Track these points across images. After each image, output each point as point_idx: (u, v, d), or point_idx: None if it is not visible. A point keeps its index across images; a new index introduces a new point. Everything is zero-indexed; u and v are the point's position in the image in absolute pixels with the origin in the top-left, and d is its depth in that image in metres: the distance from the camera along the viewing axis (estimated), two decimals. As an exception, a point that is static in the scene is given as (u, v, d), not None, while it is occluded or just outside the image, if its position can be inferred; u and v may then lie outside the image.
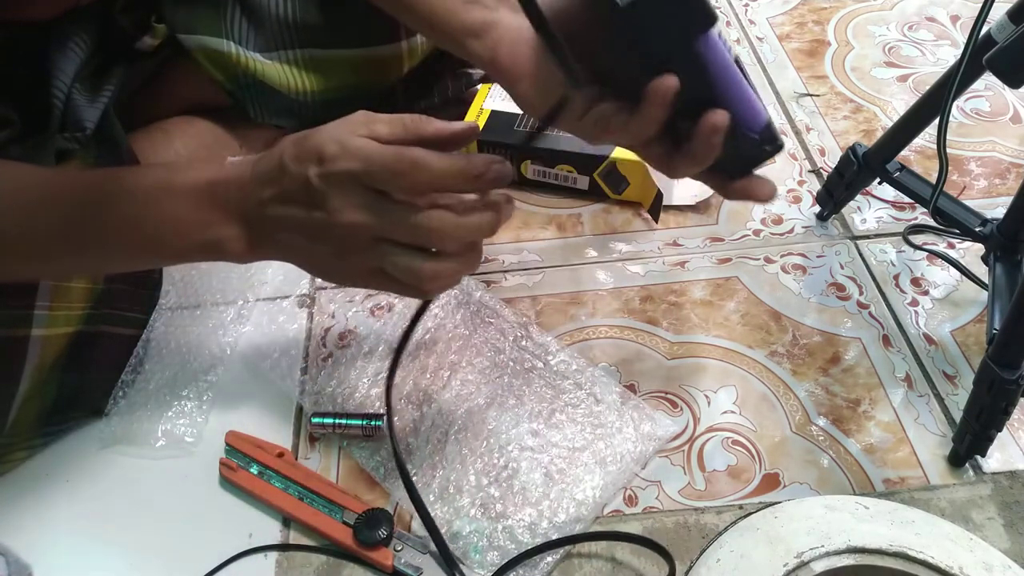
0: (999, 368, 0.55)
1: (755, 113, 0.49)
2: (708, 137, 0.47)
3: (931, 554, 0.51)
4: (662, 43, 0.45)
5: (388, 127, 0.49)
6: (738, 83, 0.47)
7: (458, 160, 0.47)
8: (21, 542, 0.56)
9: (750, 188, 0.53)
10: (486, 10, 0.56)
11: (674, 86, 0.45)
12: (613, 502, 0.58)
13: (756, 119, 0.49)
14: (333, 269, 0.52)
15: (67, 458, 0.62)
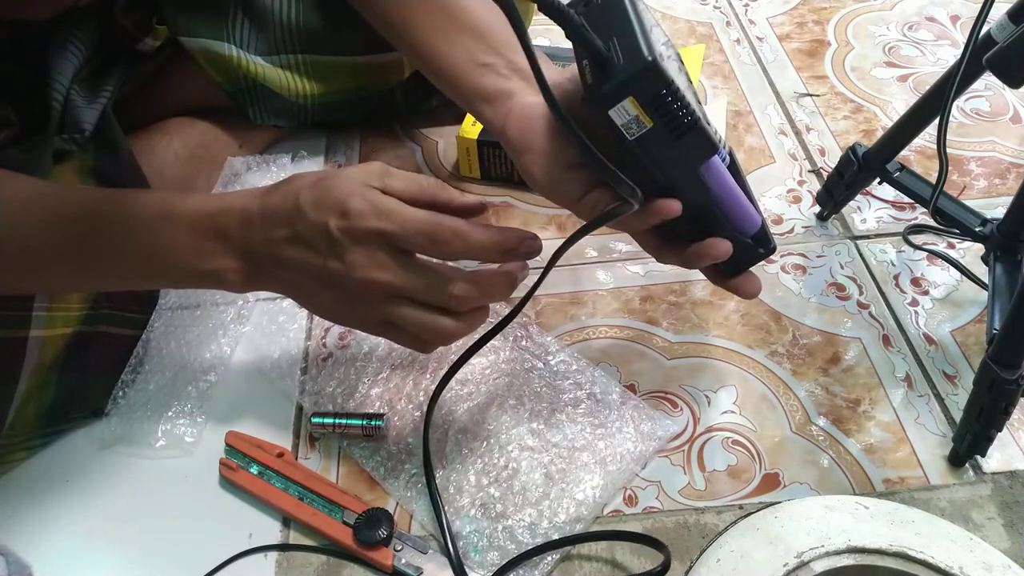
0: (999, 368, 0.55)
1: (750, 219, 0.52)
2: (702, 259, 0.51)
3: (931, 554, 0.51)
4: (666, 170, 0.48)
5: (403, 184, 0.50)
6: (735, 197, 0.50)
7: (495, 234, 0.49)
8: (21, 542, 0.56)
9: (739, 285, 0.56)
10: (499, 78, 0.57)
11: (676, 210, 0.48)
12: (613, 502, 0.58)
13: (750, 225, 0.52)
14: (338, 313, 0.53)
15: (67, 458, 0.62)
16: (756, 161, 0.85)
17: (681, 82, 0.45)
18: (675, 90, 0.44)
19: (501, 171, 0.82)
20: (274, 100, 0.78)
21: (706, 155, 0.47)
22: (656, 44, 0.44)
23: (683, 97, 0.44)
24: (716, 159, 0.48)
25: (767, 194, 0.82)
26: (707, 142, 0.47)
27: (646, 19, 0.47)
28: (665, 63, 0.43)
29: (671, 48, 0.49)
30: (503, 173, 0.82)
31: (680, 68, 0.48)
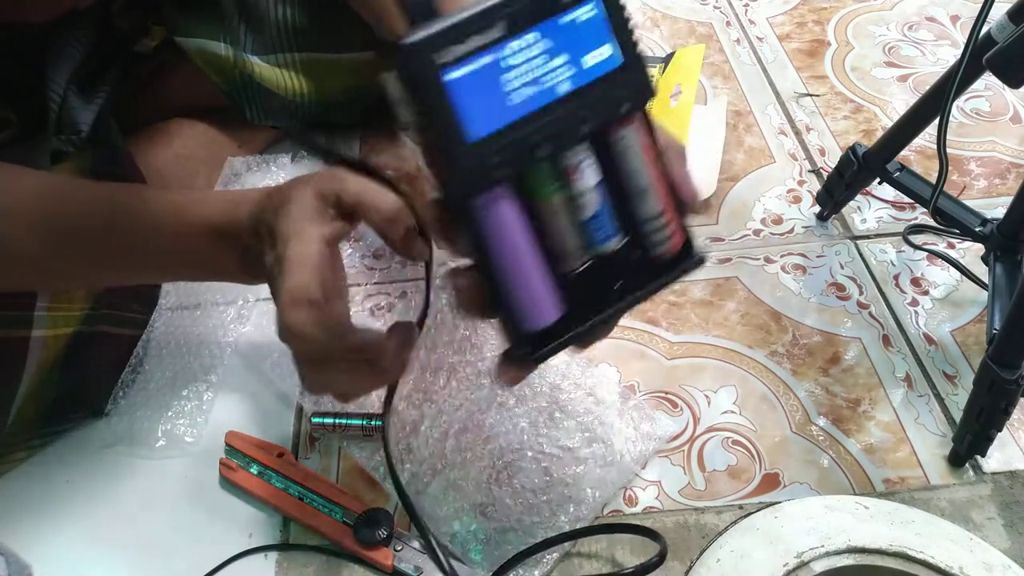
0: (999, 368, 0.55)
1: (530, 307, 0.41)
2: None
3: (931, 554, 0.51)
4: (441, 187, 0.39)
5: (335, 233, 0.45)
6: (515, 267, 0.40)
7: (368, 348, 0.45)
8: (21, 542, 0.56)
9: (499, 370, 0.45)
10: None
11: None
12: (613, 502, 0.58)
13: (528, 315, 0.41)
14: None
15: (67, 458, 0.62)
16: (756, 161, 0.85)
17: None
18: (423, 81, 0.35)
19: (501, 171, 0.82)
20: (271, 99, 0.78)
21: (471, 186, 0.37)
22: (443, 26, 0.36)
23: (432, 98, 0.36)
24: (505, 202, 0.38)
25: (767, 194, 0.82)
26: (470, 171, 0.37)
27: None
28: (442, 52, 0.35)
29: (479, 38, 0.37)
30: (503, 173, 0.82)
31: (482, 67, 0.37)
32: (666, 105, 0.83)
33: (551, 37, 0.37)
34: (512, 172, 0.38)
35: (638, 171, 0.41)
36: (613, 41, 0.38)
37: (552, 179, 0.40)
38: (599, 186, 0.41)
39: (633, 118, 0.40)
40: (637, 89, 0.40)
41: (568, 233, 0.41)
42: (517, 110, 0.37)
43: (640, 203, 0.42)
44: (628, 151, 0.41)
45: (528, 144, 0.38)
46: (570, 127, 0.38)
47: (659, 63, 0.90)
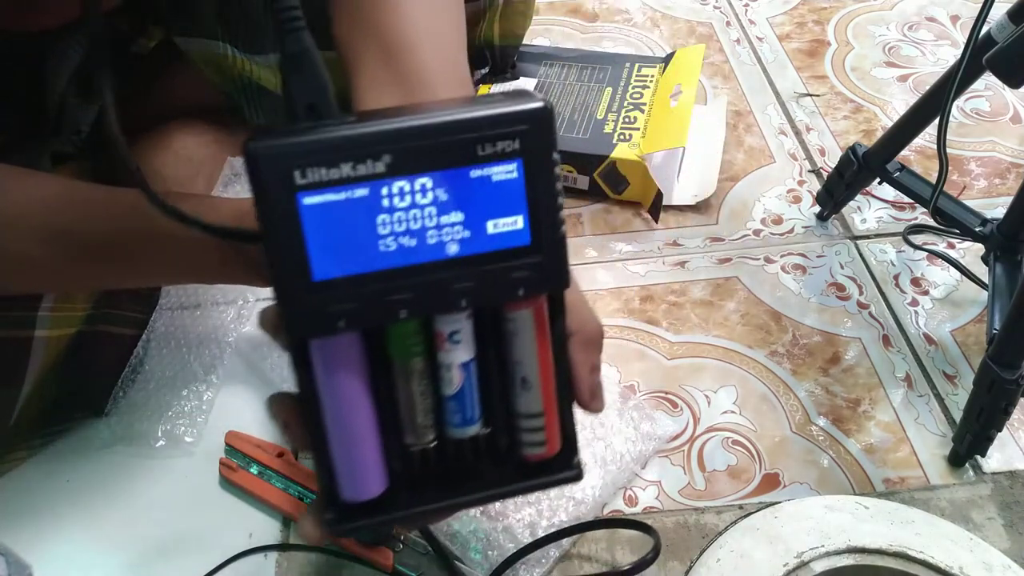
0: (999, 368, 0.55)
1: (354, 476, 0.34)
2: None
3: (931, 554, 0.51)
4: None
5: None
6: (344, 426, 0.34)
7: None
8: (21, 542, 0.56)
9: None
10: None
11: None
12: (613, 502, 0.58)
13: (351, 486, 0.35)
14: None
15: (67, 458, 0.62)
16: (756, 161, 0.85)
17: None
18: (272, 196, 0.30)
19: (501, 171, 0.82)
20: (270, 99, 0.78)
21: (305, 328, 0.32)
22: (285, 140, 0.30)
23: (279, 218, 0.30)
24: (347, 353, 0.33)
25: (767, 194, 0.82)
26: (306, 313, 0.31)
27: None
28: (305, 171, 0.30)
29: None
30: (503, 173, 0.82)
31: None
32: (666, 105, 0.83)
33: (451, 189, 0.31)
34: (363, 326, 0.32)
35: (522, 362, 0.35)
36: (526, 215, 0.32)
37: (415, 342, 0.34)
38: (469, 365, 0.35)
39: (531, 303, 0.34)
40: (544, 274, 0.33)
41: (420, 406, 0.35)
42: (385, 259, 0.31)
43: (517, 396, 0.36)
44: (516, 337, 0.35)
45: (388, 302, 0.32)
46: (446, 296, 0.32)
47: (659, 63, 0.90)
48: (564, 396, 0.36)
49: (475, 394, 0.35)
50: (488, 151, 0.31)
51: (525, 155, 0.32)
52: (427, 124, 0.31)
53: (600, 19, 1.04)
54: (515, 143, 0.32)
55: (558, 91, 0.86)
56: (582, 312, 0.39)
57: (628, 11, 1.05)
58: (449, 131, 0.31)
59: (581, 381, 0.38)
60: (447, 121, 0.31)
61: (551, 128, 0.32)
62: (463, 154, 0.31)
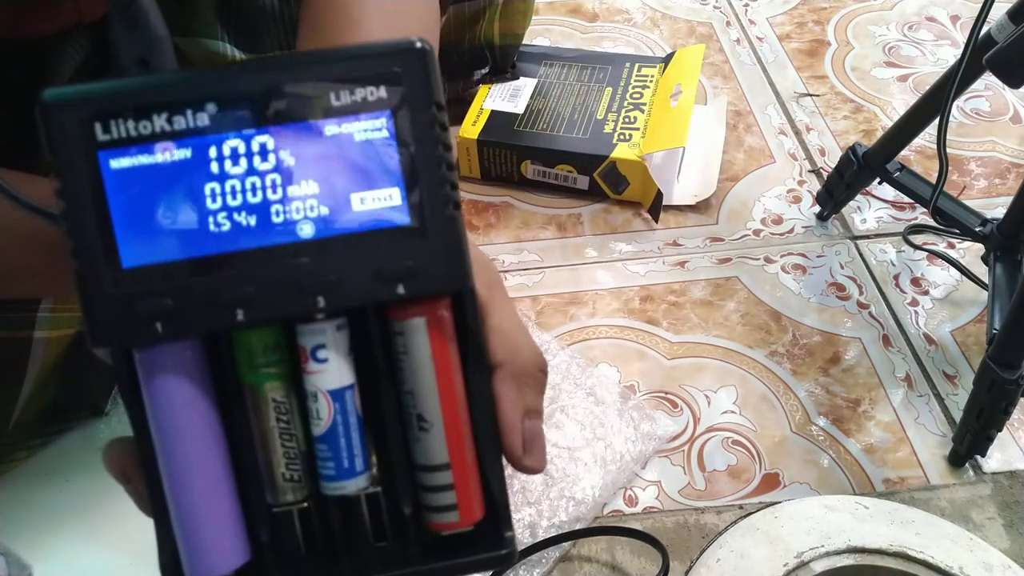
0: (999, 368, 0.55)
1: (190, 545, 0.26)
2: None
3: (931, 554, 0.51)
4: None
5: None
6: (193, 486, 0.26)
7: None
8: (21, 542, 0.56)
9: None
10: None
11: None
12: (613, 502, 0.58)
13: (185, 556, 0.26)
14: None
15: (67, 458, 0.62)
16: (756, 161, 0.85)
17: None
18: (67, 157, 0.24)
19: (501, 171, 0.82)
20: None
21: (116, 331, 0.24)
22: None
23: (77, 184, 0.24)
24: (179, 368, 0.25)
25: (767, 194, 0.82)
26: (117, 310, 0.24)
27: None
28: (108, 123, 0.24)
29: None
30: (503, 173, 0.82)
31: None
32: (666, 105, 0.83)
33: (300, 150, 0.24)
34: (189, 330, 0.24)
35: (416, 392, 0.26)
36: (402, 185, 0.25)
37: (269, 359, 0.26)
38: (343, 394, 0.26)
39: (425, 307, 0.26)
40: (431, 266, 0.25)
41: (278, 449, 0.26)
42: (216, 242, 0.24)
43: (414, 441, 0.27)
44: (407, 357, 0.26)
45: (220, 299, 0.24)
46: (297, 292, 0.24)
47: (659, 63, 0.90)
48: (486, 445, 0.28)
49: (354, 435, 0.26)
50: (346, 100, 0.24)
51: (395, 106, 0.24)
52: (266, 65, 0.24)
53: (600, 19, 1.04)
54: (381, 90, 0.24)
55: (558, 91, 0.86)
56: (513, 337, 0.30)
57: (628, 11, 1.05)
58: (294, 76, 0.24)
59: (509, 425, 0.28)
60: (289, 62, 0.24)
61: (429, 72, 0.25)
62: (313, 105, 0.24)
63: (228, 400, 0.26)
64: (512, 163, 0.81)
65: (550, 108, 0.84)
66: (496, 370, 0.29)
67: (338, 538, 0.27)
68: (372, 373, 0.27)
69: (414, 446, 0.27)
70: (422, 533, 0.27)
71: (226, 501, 0.26)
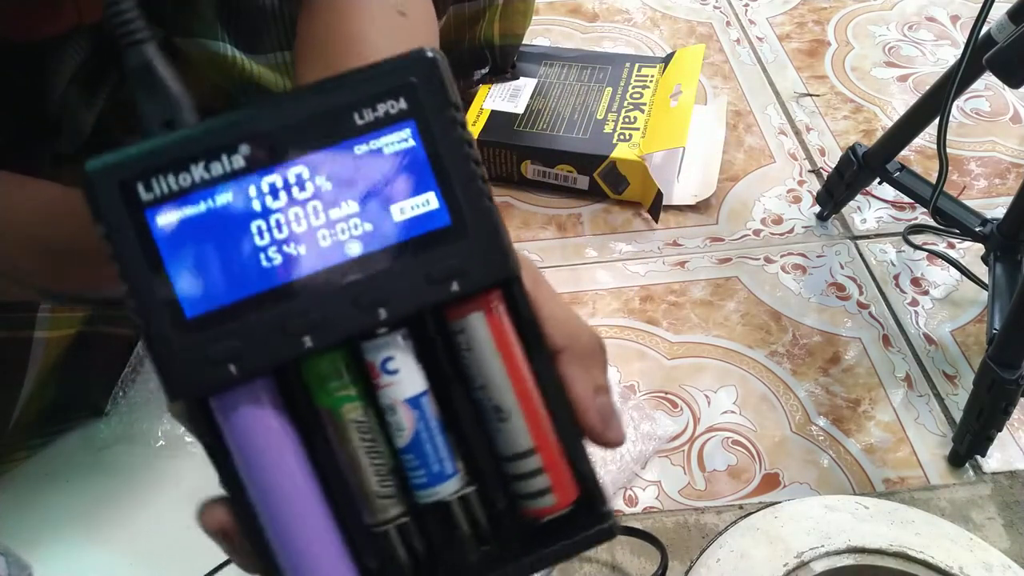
0: (999, 368, 0.55)
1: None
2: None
3: (931, 554, 0.51)
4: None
5: None
6: (290, 518, 0.26)
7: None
8: (21, 542, 0.56)
9: None
10: None
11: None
12: (613, 502, 0.58)
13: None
14: None
15: (67, 458, 0.62)
16: (756, 161, 0.85)
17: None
18: (117, 227, 0.25)
19: (501, 171, 0.82)
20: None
21: (194, 382, 0.25)
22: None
23: (131, 251, 0.25)
24: (256, 407, 0.25)
25: (767, 194, 0.82)
26: (190, 362, 0.25)
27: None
28: (150, 183, 0.25)
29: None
30: (503, 173, 0.82)
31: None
32: (666, 105, 0.83)
33: (334, 174, 0.25)
34: (263, 366, 0.25)
35: (488, 385, 0.27)
36: (436, 188, 0.26)
37: (341, 382, 0.26)
38: (419, 400, 0.26)
39: (480, 301, 0.26)
40: (479, 260, 0.26)
41: (368, 467, 0.26)
42: (271, 277, 0.25)
43: (496, 432, 0.27)
44: (472, 353, 0.27)
45: (285, 330, 0.25)
46: (357, 309, 0.25)
47: (659, 63, 0.90)
48: (565, 426, 0.28)
49: (439, 439, 0.27)
50: (369, 118, 0.25)
51: (417, 115, 0.25)
52: (285, 99, 0.25)
53: (600, 19, 1.04)
54: (401, 102, 0.25)
55: (558, 91, 0.86)
56: (569, 323, 0.32)
57: (628, 11, 1.05)
58: (314, 102, 0.25)
59: (583, 404, 0.30)
60: (309, 91, 0.25)
61: (443, 77, 0.26)
62: (339, 127, 0.25)
63: (308, 430, 0.26)
64: (512, 163, 0.81)
65: (550, 108, 0.84)
66: (559, 355, 0.30)
67: (449, 547, 0.27)
68: (440, 378, 0.27)
69: (497, 438, 0.27)
70: (521, 525, 0.28)
71: (333, 536, 0.26)
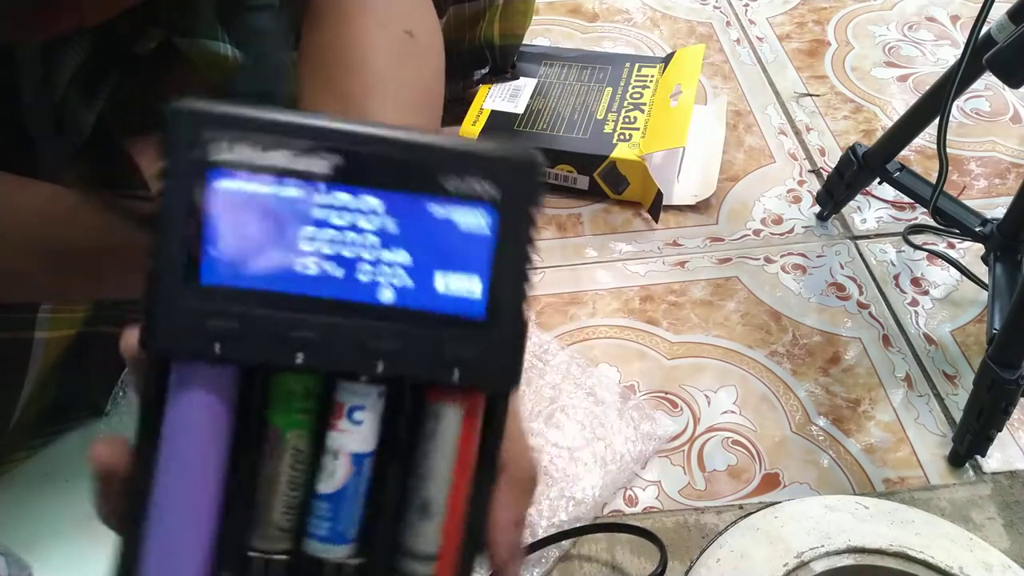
0: (999, 368, 0.55)
1: (156, 566, 0.25)
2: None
3: (931, 554, 0.51)
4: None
5: None
6: (180, 509, 0.25)
7: None
8: (21, 542, 0.56)
9: None
10: None
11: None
12: (613, 502, 0.58)
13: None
14: None
15: (67, 458, 0.62)
16: (756, 161, 0.85)
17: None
18: (176, 164, 0.24)
19: (501, 171, 0.82)
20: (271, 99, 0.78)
21: (173, 341, 0.25)
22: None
23: (177, 192, 0.24)
24: (210, 391, 0.25)
25: (767, 194, 0.82)
26: (180, 321, 0.25)
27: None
28: (224, 145, 0.24)
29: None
30: (503, 173, 0.82)
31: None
32: (666, 105, 0.83)
33: (403, 219, 0.25)
34: (245, 358, 0.25)
35: (429, 477, 0.27)
36: (487, 280, 0.26)
37: (303, 406, 0.26)
38: (363, 459, 0.26)
39: (465, 398, 0.26)
40: (491, 362, 0.26)
41: (282, 496, 0.26)
42: (298, 283, 0.25)
43: (410, 525, 0.27)
44: (432, 440, 0.26)
45: (285, 337, 0.25)
46: (361, 351, 0.25)
47: (659, 63, 0.90)
48: (472, 546, 0.27)
49: (358, 502, 0.26)
50: (458, 188, 0.25)
51: (503, 205, 0.25)
52: (392, 135, 0.25)
53: (600, 19, 1.04)
54: (493, 188, 0.25)
55: (558, 91, 0.86)
56: (517, 444, 0.31)
57: (628, 11, 1.05)
58: (416, 149, 0.25)
59: (499, 533, 0.28)
60: (416, 138, 0.25)
61: (538, 183, 0.26)
62: (426, 181, 0.25)
63: (248, 436, 0.26)
64: (512, 163, 0.81)
65: (550, 108, 0.84)
66: (501, 476, 0.29)
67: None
68: (390, 445, 0.27)
69: (409, 530, 0.27)
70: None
71: (207, 539, 0.25)
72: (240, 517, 0.26)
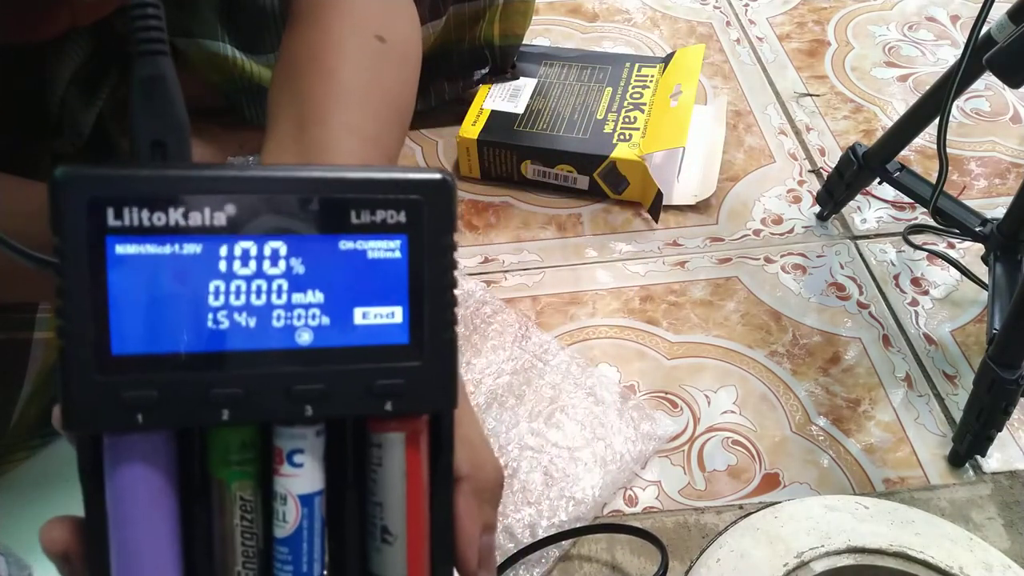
0: (999, 368, 0.55)
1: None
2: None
3: (931, 554, 0.51)
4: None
5: None
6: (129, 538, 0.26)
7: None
8: (21, 542, 0.56)
9: None
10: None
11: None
12: (613, 502, 0.58)
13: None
14: None
15: (67, 458, 0.61)
16: (756, 161, 0.85)
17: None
18: (73, 241, 0.23)
19: (501, 171, 0.82)
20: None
21: (92, 417, 0.25)
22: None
23: (77, 267, 0.23)
24: (146, 460, 0.25)
25: (767, 194, 0.82)
26: (97, 397, 0.24)
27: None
28: (121, 211, 0.23)
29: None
30: (503, 173, 0.82)
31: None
32: (666, 105, 0.83)
33: (312, 260, 0.25)
34: (171, 424, 0.25)
35: (385, 504, 0.27)
36: (406, 306, 0.25)
37: (243, 458, 0.26)
38: (312, 499, 0.26)
39: (406, 424, 0.27)
40: (423, 386, 0.26)
41: (237, 548, 0.26)
42: (212, 340, 0.24)
43: (375, 552, 0.27)
44: (381, 469, 0.27)
45: (207, 397, 0.24)
46: (286, 398, 0.25)
47: (659, 63, 0.90)
48: (440, 558, 0.28)
49: (317, 540, 0.26)
50: (365, 220, 0.25)
51: (412, 231, 0.25)
52: (288, 176, 0.25)
53: (600, 19, 1.04)
54: (401, 215, 0.25)
55: (558, 91, 0.86)
56: (478, 451, 0.32)
57: (628, 11, 1.05)
58: (317, 188, 0.24)
59: (467, 541, 0.29)
60: (316, 176, 0.25)
61: (450, 205, 0.26)
62: (332, 219, 0.25)
63: (193, 493, 0.26)
64: (512, 163, 0.81)
65: (550, 108, 0.84)
66: (459, 483, 0.29)
67: None
68: (339, 479, 0.27)
69: (373, 556, 0.27)
70: None
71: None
72: (206, 570, 0.26)
